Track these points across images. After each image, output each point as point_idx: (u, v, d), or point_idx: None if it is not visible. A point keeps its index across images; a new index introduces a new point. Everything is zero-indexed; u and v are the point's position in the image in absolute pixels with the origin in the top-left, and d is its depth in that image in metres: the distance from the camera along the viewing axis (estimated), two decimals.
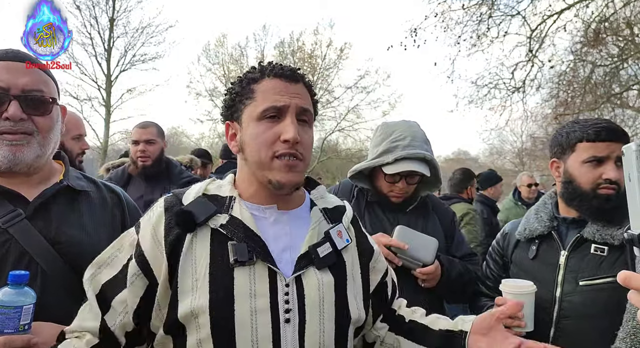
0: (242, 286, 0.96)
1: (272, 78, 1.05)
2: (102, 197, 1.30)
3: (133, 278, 0.99)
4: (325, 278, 1.03)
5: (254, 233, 1.00)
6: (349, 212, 1.19)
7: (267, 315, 0.96)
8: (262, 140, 1.01)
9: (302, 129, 1.03)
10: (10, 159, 1.13)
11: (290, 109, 1.02)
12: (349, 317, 1.06)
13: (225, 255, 0.98)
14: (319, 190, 1.19)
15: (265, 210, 1.06)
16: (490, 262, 1.76)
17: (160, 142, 2.98)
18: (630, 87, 12.09)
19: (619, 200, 1.42)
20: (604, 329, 1.36)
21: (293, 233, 1.06)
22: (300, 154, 1.02)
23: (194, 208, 1.02)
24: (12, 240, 1.10)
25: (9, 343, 0.93)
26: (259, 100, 1.03)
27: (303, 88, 1.08)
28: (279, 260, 1.01)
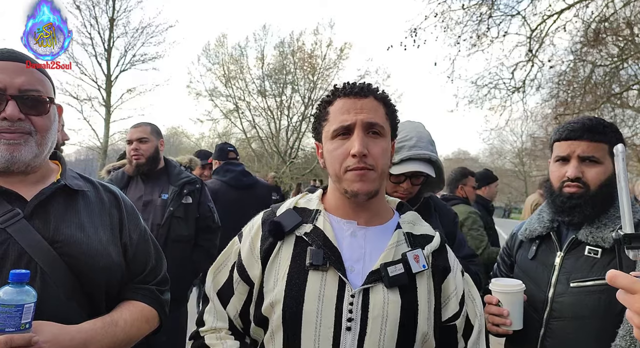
0: (313, 288, 1.06)
1: (342, 98, 1.15)
2: (99, 196, 1.31)
3: (236, 284, 1.18)
4: (392, 297, 1.07)
5: (331, 243, 1.11)
6: (435, 242, 1.18)
7: (330, 318, 1.04)
8: (336, 156, 1.12)
9: (372, 141, 1.11)
10: (7, 159, 1.13)
11: (357, 126, 1.10)
12: (413, 340, 1.07)
13: (303, 259, 1.10)
14: (409, 215, 1.24)
15: (346, 223, 1.16)
16: (500, 262, 1.78)
17: (154, 140, 2.98)
18: (630, 87, 12.09)
19: (587, 199, 1.43)
20: (592, 331, 1.37)
21: (369, 248, 1.13)
22: (370, 165, 1.09)
23: (283, 220, 1.16)
24: (10, 240, 1.10)
25: (10, 341, 0.93)
26: (331, 120, 1.15)
27: (373, 101, 1.15)
28: (350, 270, 1.09)
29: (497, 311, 1.44)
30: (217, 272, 1.23)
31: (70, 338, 1.06)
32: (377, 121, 1.12)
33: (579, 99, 11.66)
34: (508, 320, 1.42)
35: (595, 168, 1.44)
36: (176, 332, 2.92)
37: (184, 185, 2.94)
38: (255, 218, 1.24)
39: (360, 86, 1.16)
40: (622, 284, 0.82)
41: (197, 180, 3.09)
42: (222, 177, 3.89)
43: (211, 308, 1.21)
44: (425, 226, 1.25)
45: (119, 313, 1.21)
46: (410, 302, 1.08)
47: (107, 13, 18.39)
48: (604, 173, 1.44)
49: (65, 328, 1.07)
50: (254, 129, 23.86)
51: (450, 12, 10.38)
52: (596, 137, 1.44)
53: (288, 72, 23.46)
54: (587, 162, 1.44)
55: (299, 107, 24.06)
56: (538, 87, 11.90)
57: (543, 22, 10.72)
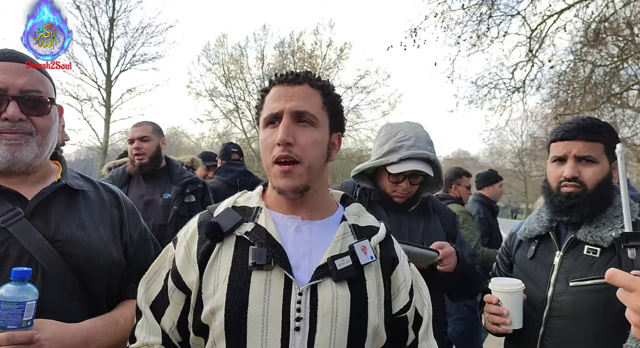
0: (257, 289, 1.00)
1: (276, 85, 1.10)
2: (99, 196, 1.31)
3: (171, 292, 1.08)
4: (341, 292, 1.02)
5: (274, 240, 1.04)
6: (380, 233, 1.15)
7: (277, 319, 0.98)
8: (265, 146, 1.07)
9: (301, 130, 1.05)
10: (8, 159, 1.14)
11: (284, 113, 1.05)
12: (364, 335, 1.04)
13: (245, 259, 1.03)
14: (353, 207, 1.20)
15: (290, 219, 1.10)
16: (499, 262, 1.79)
17: (156, 138, 2.97)
18: (630, 87, 12.09)
19: (584, 198, 1.44)
20: (591, 330, 1.37)
21: (314, 243, 1.08)
22: (296, 155, 1.03)
23: (220, 220, 1.08)
24: (11, 239, 1.10)
25: (12, 338, 0.94)
26: (264, 109, 1.10)
27: (307, 89, 1.09)
28: (296, 267, 1.03)
29: (496, 310, 1.45)
30: (150, 283, 1.13)
31: (72, 336, 1.07)
32: (306, 109, 1.06)
33: (579, 99, 11.66)
34: (508, 320, 1.43)
35: (592, 167, 1.45)
36: None
37: (187, 184, 2.94)
38: (191, 221, 1.15)
39: (296, 73, 1.10)
40: (621, 282, 0.82)
41: (199, 180, 3.09)
42: (223, 177, 3.89)
43: (143, 322, 1.10)
44: (370, 217, 1.20)
45: (119, 312, 1.22)
46: (359, 295, 1.04)
47: (107, 13, 18.41)
48: (601, 172, 1.45)
49: (66, 326, 1.08)
50: (254, 129, 23.85)
51: (450, 12, 10.39)
52: (591, 137, 1.45)
53: None
54: (584, 161, 1.45)
55: None
56: (538, 87, 11.91)
57: (543, 22, 10.73)
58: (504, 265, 1.75)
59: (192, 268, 1.06)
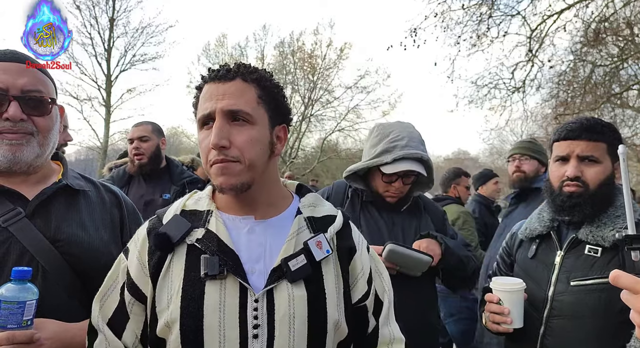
0: (212, 299, 0.96)
1: (208, 83, 1.03)
2: (100, 196, 1.32)
3: (130, 306, 1.03)
4: (297, 292, 0.98)
5: (226, 246, 0.99)
6: (337, 222, 1.10)
7: (235, 329, 0.95)
8: (202, 149, 1.03)
9: (237, 130, 0.99)
10: (10, 159, 1.14)
11: (217, 114, 0.99)
12: (325, 333, 1.00)
13: (197, 269, 0.98)
14: (308, 197, 1.14)
15: (241, 220, 1.05)
16: (500, 261, 1.79)
17: (156, 138, 2.97)
18: (630, 87, 12.09)
19: (586, 198, 1.44)
20: (592, 329, 1.37)
21: (269, 243, 1.03)
22: (232, 157, 0.98)
23: (169, 229, 1.02)
24: (12, 239, 1.11)
25: (12, 338, 0.94)
26: (198, 109, 1.04)
27: (240, 84, 1.02)
28: (251, 272, 0.99)
29: (497, 309, 1.45)
30: (105, 299, 1.06)
31: (72, 335, 1.07)
32: (240, 108, 0.99)
33: (579, 99, 11.66)
34: (509, 319, 1.43)
35: (594, 167, 1.45)
36: None
37: (186, 184, 2.94)
38: (140, 228, 1.10)
39: (227, 68, 1.03)
40: (625, 284, 0.82)
41: (200, 179, 3.09)
42: None
43: (102, 341, 1.02)
44: (327, 206, 1.15)
45: None
46: (316, 293, 1.00)
47: (107, 13, 18.39)
48: (603, 172, 1.45)
49: (66, 325, 1.08)
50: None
51: (450, 12, 10.39)
52: (594, 137, 1.45)
53: (288, 72, 23.46)
54: (586, 161, 1.46)
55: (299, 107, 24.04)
56: (538, 87, 11.89)
57: (543, 22, 10.73)
58: (505, 264, 1.75)
59: (147, 279, 1.01)
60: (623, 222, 1.40)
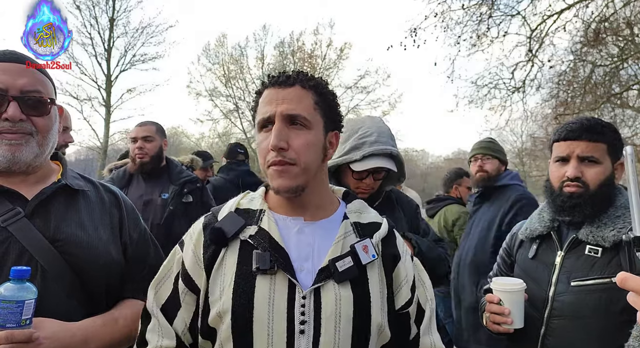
0: (262, 293, 1.01)
1: (268, 88, 1.10)
2: (99, 196, 1.32)
3: (183, 295, 1.10)
4: (344, 292, 1.03)
5: (277, 244, 1.05)
6: (382, 229, 1.14)
7: (282, 323, 0.99)
8: (260, 151, 1.08)
9: (295, 133, 1.05)
10: (9, 159, 1.14)
11: (276, 117, 1.05)
12: (368, 335, 1.04)
13: (249, 263, 1.04)
14: (355, 204, 1.20)
15: (292, 220, 1.10)
16: (499, 261, 1.79)
17: (159, 139, 2.98)
18: (630, 87, 12.08)
19: (587, 198, 1.44)
20: (593, 330, 1.37)
21: (317, 244, 1.08)
22: (290, 159, 1.04)
23: (224, 225, 1.09)
24: (11, 238, 1.11)
25: (10, 337, 0.94)
26: (257, 112, 1.10)
27: (298, 91, 1.08)
28: (299, 270, 1.04)
29: (498, 310, 1.45)
30: (159, 286, 1.13)
31: (71, 335, 1.07)
32: (298, 112, 1.05)
33: (579, 99, 11.65)
34: (509, 319, 1.43)
35: (595, 168, 1.45)
36: None
37: (185, 184, 2.94)
38: (196, 223, 1.16)
39: (287, 75, 1.10)
40: (633, 287, 0.81)
41: (198, 179, 3.09)
42: (226, 175, 3.98)
43: (155, 325, 1.10)
44: (372, 213, 1.20)
45: (119, 312, 1.22)
46: (362, 295, 1.04)
47: (107, 13, 18.40)
48: (603, 173, 1.45)
49: (65, 325, 1.08)
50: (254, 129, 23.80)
51: (450, 12, 10.38)
52: (595, 137, 1.45)
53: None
54: (587, 162, 1.45)
55: None
56: (538, 87, 11.89)
57: (543, 22, 10.72)
58: (505, 264, 1.75)
59: (201, 272, 1.08)
60: (623, 222, 1.40)
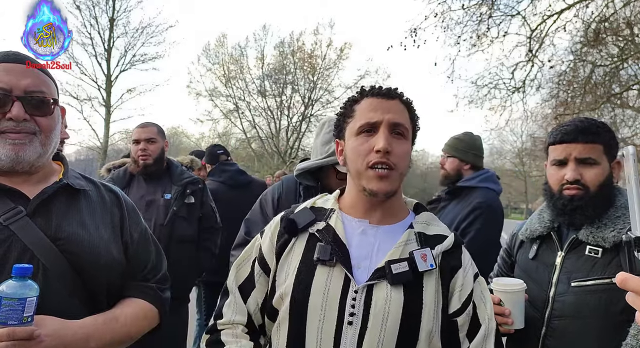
0: (320, 282, 1.10)
1: (370, 97, 1.19)
2: (101, 196, 1.32)
3: (258, 276, 1.23)
4: (395, 295, 1.08)
5: (340, 240, 1.14)
6: (446, 242, 1.17)
7: (334, 312, 1.08)
8: (359, 152, 1.14)
9: (396, 141, 1.14)
10: (12, 158, 1.15)
11: (382, 123, 1.13)
12: (416, 339, 1.07)
13: (313, 254, 1.14)
14: (423, 216, 1.25)
15: (358, 221, 1.19)
16: (500, 262, 1.79)
17: (161, 141, 2.99)
18: (630, 87, 12.08)
19: (587, 200, 1.44)
20: (593, 330, 1.37)
21: (378, 246, 1.15)
22: (392, 163, 1.12)
23: (297, 217, 1.21)
24: (13, 237, 1.11)
25: (12, 334, 0.94)
26: (357, 118, 1.18)
27: (399, 104, 1.18)
28: (357, 267, 1.12)
29: (498, 310, 1.45)
30: (240, 267, 1.27)
31: (72, 332, 1.08)
32: (402, 122, 1.16)
33: (579, 99, 11.65)
34: (510, 320, 1.43)
35: (593, 169, 1.44)
36: (176, 332, 2.92)
37: (187, 185, 2.95)
38: (277, 216, 1.29)
39: (388, 88, 1.20)
40: (633, 287, 0.81)
41: (200, 180, 3.10)
42: (218, 177, 3.91)
43: (231, 301, 1.23)
44: (442, 227, 1.24)
45: (120, 310, 1.22)
46: (414, 301, 1.08)
47: (107, 13, 18.42)
48: (602, 173, 1.44)
49: (66, 323, 1.08)
50: (254, 129, 23.87)
51: (450, 12, 10.38)
52: (590, 138, 1.44)
53: (288, 72, 23.49)
54: (585, 163, 1.45)
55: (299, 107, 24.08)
56: (538, 87, 11.89)
57: (543, 22, 10.72)
58: (506, 265, 1.75)
59: (273, 256, 1.20)
60: (623, 222, 1.40)
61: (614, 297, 1.33)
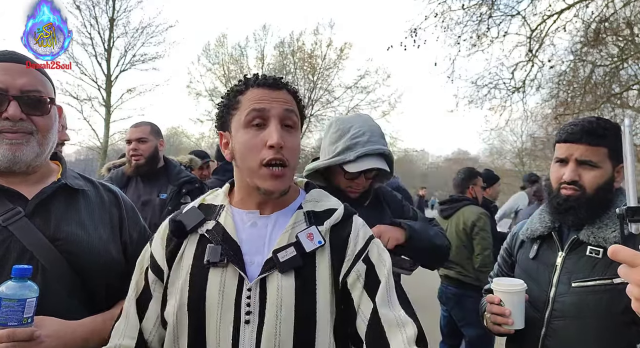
0: (214, 285, 1.04)
1: (256, 88, 1.10)
2: (99, 196, 1.32)
3: (153, 285, 1.12)
4: (285, 282, 1.03)
5: (230, 238, 1.08)
6: (335, 215, 1.13)
7: (230, 314, 1.02)
8: (250, 147, 1.07)
9: (288, 134, 1.08)
10: (10, 158, 1.15)
11: (272, 114, 1.07)
12: (314, 321, 1.03)
13: (203, 257, 1.07)
14: (312, 193, 1.21)
15: (247, 214, 1.13)
16: (500, 261, 1.79)
17: (154, 140, 2.97)
18: (630, 87, 12.07)
19: (582, 202, 1.44)
20: (593, 331, 1.37)
21: (269, 237, 1.10)
22: (286, 159, 1.06)
23: (184, 218, 1.13)
24: (12, 238, 1.11)
25: (12, 335, 0.94)
26: (242, 109, 1.09)
27: (287, 94, 1.12)
28: (250, 263, 1.06)
29: (499, 310, 1.44)
30: (136, 282, 1.15)
31: (72, 332, 1.08)
32: (292, 108, 1.10)
33: (579, 99, 11.64)
34: (510, 320, 1.43)
35: (593, 172, 1.44)
36: None
37: (183, 184, 2.94)
38: (166, 219, 1.19)
39: (274, 77, 1.12)
40: (623, 258, 0.82)
41: (197, 180, 3.09)
42: (222, 176, 3.92)
43: (121, 323, 1.11)
44: (332, 201, 1.19)
45: (119, 311, 1.22)
46: (306, 283, 1.04)
47: (107, 13, 18.41)
48: (602, 177, 1.44)
49: (66, 323, 1.08)
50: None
51: (450, 12, 10.38)
52: (595, 141, 1.43)
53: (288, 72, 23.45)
54: (585, 165, 1.44)
55: None
56: (538, 87, 11.88)
57: (543, 22, 10.72)
58: (506, 265, 1.75)
59: (164, 263, 1.11)
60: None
61: (614, 298, 1.33)
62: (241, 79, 1.16)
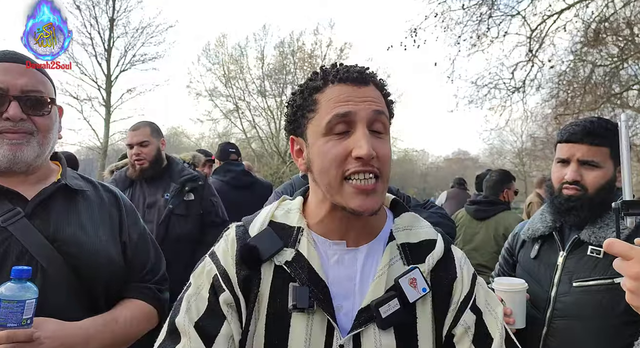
0: (298, 335, 0.88)
1: (337, 84, 0.91)
2: (99, 196, 1.32)
3: (226, 309, 0.92)
4: (385, 340, 0.88)
5: (318, 277, 0.90)
6: (437, 250, 0.95)
7: None
8: (331, 158, 0.87)
9: (378, 141, 0.89)
10: (10, 159, 1.15)
11: (359, 118, 0.87)
12: None
13: (285, 296, 0.90)
14: (403, 219, 1.00)
15: (333, 245, 0.94)
16: (502, 262, 1.79)
17: (155, 141, 2.93)
18: (630, 87, 12.08)
19: (584, 202, 1.43)
20: (594, 330, 1.37)
21: (359, 277, 0.93)
22: (377, 169, 0.87)
23: (259, 243, 0.93)
24: (11, 238, 1.11)
25: (12, 337, 0.94)
26: (322, 112, 0.90)
27: (374, 90, 0.92)
28: (338, 309, 0.90)
29: None
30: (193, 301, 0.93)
31: (72, 334, 1.07)
32: (382, 110, 0.90)
33: (579, 99, 11.64)
34: (511, 319, 1.43)
35: (594, 172, 1.44)
36: None
37: (186, 182, 2.91)
38: (228, 234, 1.00)
39: (358, 69, 0.92)
40: (618, 251, 0.82)
41: (200, 176, 3.06)
42: (223, 177, 3.90)
43: (185, 345, 0.87)
44: (425, 228, 1.01)
45: (119, 311, 1.22)
46: (407, 341, 0.90)
47: (107, 13, 18.40)
48: (603, 177, 1.44)
49: (66, 324, 1.08)
50: (254, 129, 23.85)
51: (450, 12, 10.39)
52: (596, 141, 1.43)
53: (288, 72, 23.46)
54: (587, 165, 1.44)
55: None
56: (538, 87, 11.88)
57: (543, 22, 10.72)
58: (507, 264, 1.74)
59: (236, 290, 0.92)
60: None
61: (615, 298, 1.33)
62: (317, 71, 0.96)
